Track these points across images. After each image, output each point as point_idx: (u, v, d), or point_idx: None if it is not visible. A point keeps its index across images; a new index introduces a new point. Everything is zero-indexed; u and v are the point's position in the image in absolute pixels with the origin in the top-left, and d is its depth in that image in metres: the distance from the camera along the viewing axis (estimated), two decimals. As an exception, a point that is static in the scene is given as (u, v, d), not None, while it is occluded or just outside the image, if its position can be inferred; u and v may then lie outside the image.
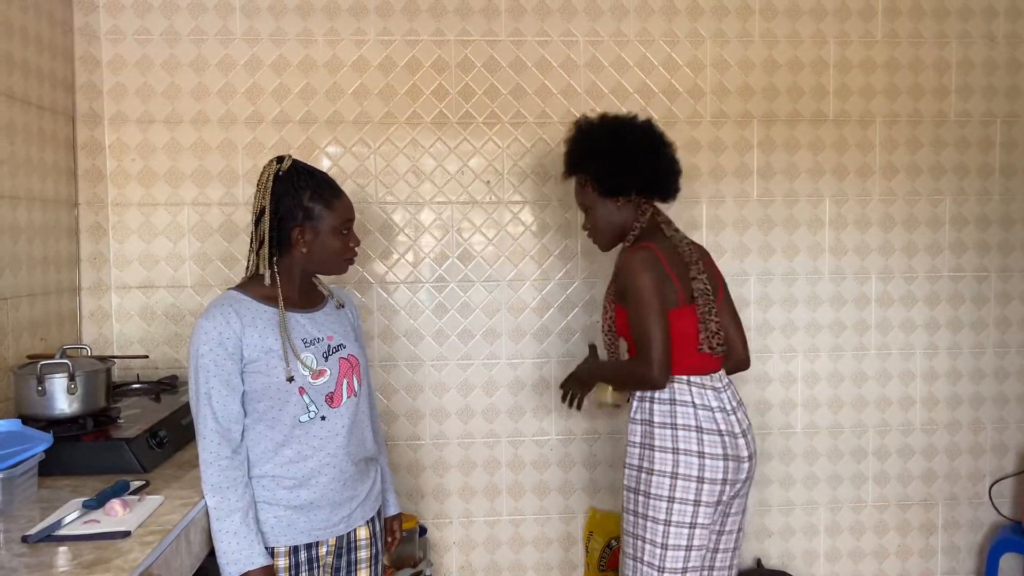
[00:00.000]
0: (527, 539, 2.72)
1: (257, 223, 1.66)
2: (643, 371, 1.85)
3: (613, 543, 2.60)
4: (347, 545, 1.73)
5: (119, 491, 1.53)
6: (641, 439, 1.93)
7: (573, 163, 2.05)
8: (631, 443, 1.96)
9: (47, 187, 2.28)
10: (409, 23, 2.57)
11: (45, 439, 1.61)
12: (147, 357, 2.36)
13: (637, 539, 1.91)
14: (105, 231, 2.50)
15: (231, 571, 1.53)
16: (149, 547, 1.33)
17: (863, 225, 2.75)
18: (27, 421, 1.71)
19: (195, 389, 1.58)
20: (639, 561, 1.91)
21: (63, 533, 1.37)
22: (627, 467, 1.96)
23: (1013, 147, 2.78)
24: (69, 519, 1.42)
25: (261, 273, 1.66)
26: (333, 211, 1.67)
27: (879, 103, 2.73)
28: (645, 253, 1.90)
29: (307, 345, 1.65)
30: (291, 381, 1.60)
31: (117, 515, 1.44)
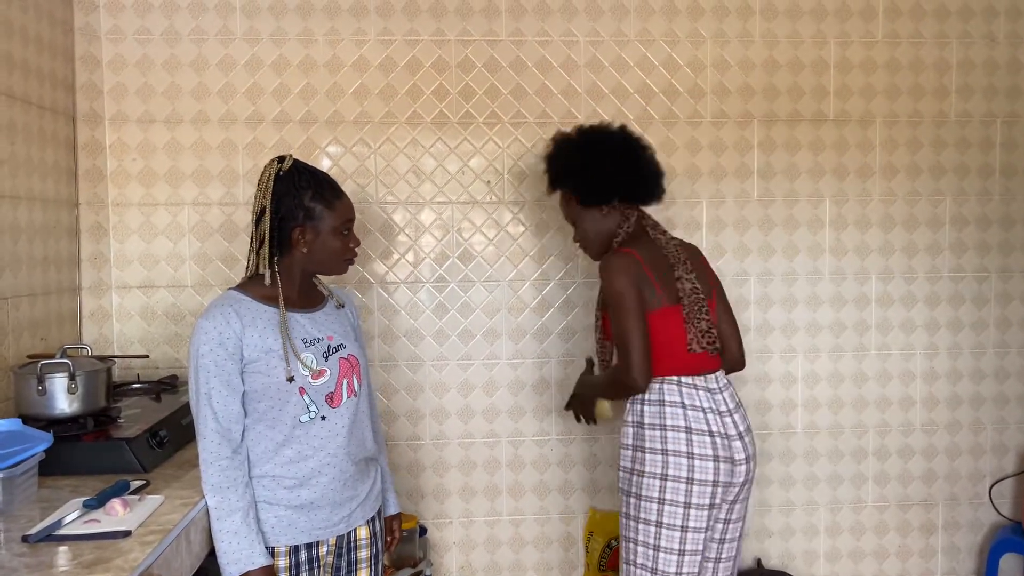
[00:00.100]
0: (527, 539, 2.72)
1: (258, 223, 1.66)
2: (623, 375, 1.86)
3: (613, 543, 2.60)
4: (347, 545, 1.73)
5: (119, 491, 1.53)
6: (633, 441, 1.92)
7: (553, 179, 2.10)
8: (623, 445, 1.95)
9: (47, 187, 2.28)
10: (410, 23, 2.57)
11: (45, 439, 1.61)
12: (147, 357, 2.36)
13: (630, 542, 1.91)
14: (105, 231, 2.50)
15: (232, 571, 1.54)
16: (149, 547, 1.33)
17: (863, 225, 2.75)
18: (27, 421, 1.71)
19: (195, 389, 1.58)
20: (632, 564, 1.90)
21: (63, 533, 1.37)
22: (620, 469, 1.96)
23: (1013, 147, 2.78)
24: (69, 519, 1.42)
25: (261, 273, 1.66)
26: (334, 211, 1.68)
27: (879, 103, 2.73)
28: (620, 258, 1.91)
29: (307, 345, 1.65)
30: (291, 381, 1.60)
31: (117, 515, 1.44)
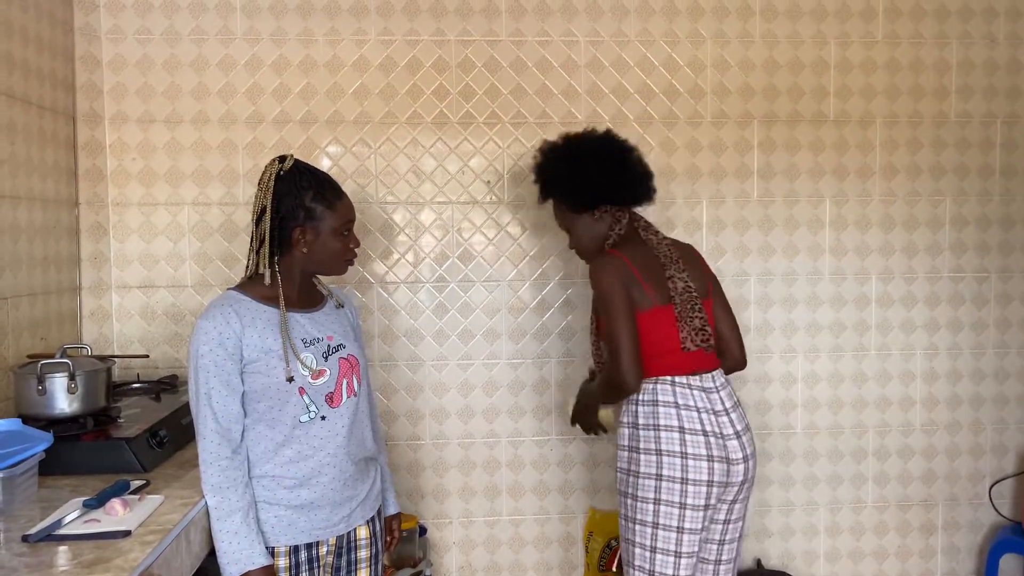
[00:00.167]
0: (527, 539, 2.72)
1: (258, 222, 1.66)
2: (614, 377, 1.86)
3: (613, 543, 2.60)
4: (347, 545, 1.73)
5: (119, 490, 1.53)
6: (628, 442, 1.92)
7: (542, 189, 2.11)
8: (620, 446, 1.95)
9: (47, 187, 2.28)
10: (410, 23, 2.57)
11: (45, 438, 1.61)
12: (147, 357, 2.36)
13: (627, 543, 1.92)
14: (105, 231, 2.50)
15: (232, 571, 1.53)
16: (149, 547, 1.33)
17: (863, 226, 2.75)
18: (27, 421, 1.71)
19: (195, 389, 1.58)
20: (631, 565, 1.91)
21: (63, 532, 1.37)
22: (617, 471, 1.96)
23: (1013, 148, 2.78)
24: (69, 518, 1.42)
25: (261, 273, 1.66)
26: (335, 212, 1.67)
27: (879, 104, 2.73)
28: (606, 260, 1.92)
29: (307, 345, 1.65)
30: (291, 381, 1.60)
31: (117, 514, 1.44)
